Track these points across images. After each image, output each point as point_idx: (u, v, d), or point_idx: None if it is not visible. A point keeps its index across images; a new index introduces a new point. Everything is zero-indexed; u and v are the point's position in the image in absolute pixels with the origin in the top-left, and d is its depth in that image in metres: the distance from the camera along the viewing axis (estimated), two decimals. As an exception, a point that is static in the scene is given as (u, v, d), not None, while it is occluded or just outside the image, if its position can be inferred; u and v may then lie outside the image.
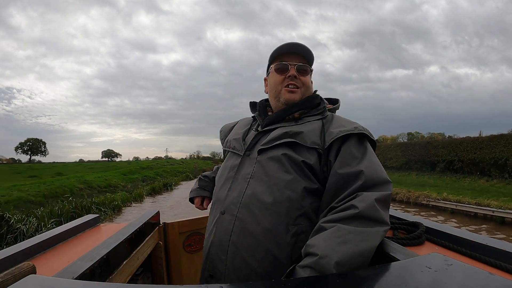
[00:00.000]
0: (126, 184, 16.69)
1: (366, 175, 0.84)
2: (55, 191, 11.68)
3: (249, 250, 0.86)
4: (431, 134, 79.62)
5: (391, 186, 0.86)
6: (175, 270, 1.65)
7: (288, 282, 0.55)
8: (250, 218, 0.88)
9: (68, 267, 0.77)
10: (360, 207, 0.76)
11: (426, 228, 1.05)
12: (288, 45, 1.07)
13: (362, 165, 0.87)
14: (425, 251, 0.94)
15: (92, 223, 1.41)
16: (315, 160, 0.91)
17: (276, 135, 0.97)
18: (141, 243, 1.30)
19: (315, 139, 0.94)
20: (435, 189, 12.81)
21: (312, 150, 0.92)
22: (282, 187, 0.89)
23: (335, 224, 0.76)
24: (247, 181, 0.94)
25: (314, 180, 0.91)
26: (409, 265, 0.58)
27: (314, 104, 1.07)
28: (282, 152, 0.93)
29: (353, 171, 0.85)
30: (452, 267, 0.52)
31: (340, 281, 0.54)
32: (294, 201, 0.88)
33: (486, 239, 0.89)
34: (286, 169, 0.90)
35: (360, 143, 0.94)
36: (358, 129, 0.95)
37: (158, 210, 1.62)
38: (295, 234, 0.85)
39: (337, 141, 0.92)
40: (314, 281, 0.54)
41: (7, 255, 0.87)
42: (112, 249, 0.94)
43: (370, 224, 0.76)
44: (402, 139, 75.95)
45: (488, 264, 0.80)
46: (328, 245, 0.71)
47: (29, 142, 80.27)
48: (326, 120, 1.01)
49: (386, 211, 0.81)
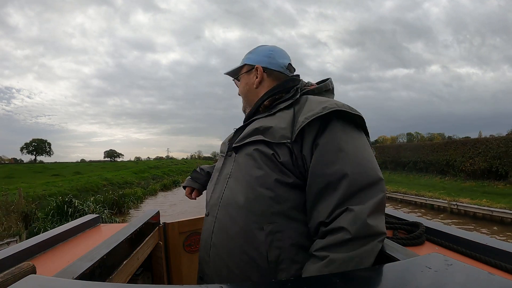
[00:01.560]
0: (139, 182, 19.37)
1: (351, 178, 0.72)
2: (84, 186, 14.08)
3: (226, 251, 0.83)
4: (430, 135, 79.60)
5: (383, 184, 0.75)
6: (175, 270, 1.65)
7: (288, 282, 0.55)
8: (227, 218, 0.85)
9: (68, 267, 0.77)
10: (352, 231, 0.68)
11: (426, 228, 1.05)
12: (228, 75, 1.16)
13: (345, 163, 0.74)
14: (425, 251, 0.94)
15: (92, 223, 1.41)
16: (286, 156, 0.81)
17: (248, 131, 0.91)
18: (141, 243, 1.30)
19: (284, 132, 0.83)
20: (399, 184, 15.81)
21: (282, 146, 0.82)
22: (254, 184, 0.82)
23: (327, 255, 0.69)
24: (226, 181, 0.91)
25: (289, 173, 0.81)
26: (409, 265, 0.58)
27: (286, 87, 0.97)
28: (253, 148, 0.86)
29: (334, 173, 0.74)
30: (452, 267, 0.52)
31: (340, 281, 0.54)
32: (267, 198, 0.80)
33: (486, 239, 0.89)
34: (258, 165, 0.83)
35: (339, 129, 0.79)
36: (328, 108, 0.79)
37: (158, 210, 1.62)
38: (271, 233, 0.79)
39: (307, 132, 0.80)
40: (314, 281, 0.54)
41: (7, 255, 0.87)
42: (112, 249, 0.94)
43: (364, 242, 0.69)
44: (402, 140, 75.98)
45: (488, 264, 0.81)
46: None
47: (34, 142, 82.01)
48: (299, 106, 0.88)
49: (381, 217, 0.73)
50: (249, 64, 1.07)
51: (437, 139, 68.75)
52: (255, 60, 1.06)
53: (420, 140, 65.87)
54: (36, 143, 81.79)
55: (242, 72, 1.09)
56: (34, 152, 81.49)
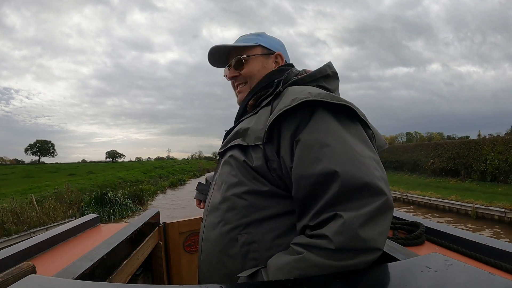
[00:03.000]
0: (148, 180, 21.43)
1: (343, 177, 0.59)
2: (103, 183, 16.12)
3: (210, 258, 0.80)
4: (430, 134, 79.65)
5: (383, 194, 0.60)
6: (175, 270, 1.65)
7: (288, 282, 0.54)
8: (211, 225, 0.81)
9: (68, 267, 0.77)
10: (336, 241, 0.56)
11: (426, 228, 1.05)
12: (210, 53, 0.97)
13: (332, 159, 0.61)
14: (425, 251, 0.94)
15: (92, 223, 1.41)
16: (260, 160, 0.72)
17: (230, 136, 0.86)
18: (141, 243, 1.30)
19: (259, 133, 0.74)
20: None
21: (256, 148, 0.74)
22: (229, 192, 0.77)
23: (303, 251, 0.60)
24: (213, 187, 0.88)
25: (263, 181, 0.73)
26: (409, 265, 0.58)
27: (272, 81, 0.86)
28: (230, 154, 0.81)
29: (322, 172, 0.61)
30: (452, 267, 0.52)
31: (340, 281, 0.54)
32: (240, 207, 0.74)
33: (486, 239, 0.89)
34: (234, 172, 0.78)
35: (327, 123, 0.66)
36: (298, 99, 0.66)
37: (158, 210, 1.62)
38: (245, 243, 0.72)
39: (283, 128, 0.69)
40: (314, 281, 0.54)
41: (7, 255, 0.87)
42: (112, 249, 0.94)
43: (349, 256, 0.57)
44: (401, 139, 76.04)
45: (488, 264, 0.81)
46: (282, 277, 0.60)
47: (38, 143, 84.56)
48: (278, 100, 0.77)
49: (378, 230, 0.58)
50: (265, 47, 0.95)
51: (436, 139, 68.99)
52: (272, 46, 0.96)
53: (420, 140, 66.28)
54: (40, 144, 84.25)
55: (256, 53, 0.94)
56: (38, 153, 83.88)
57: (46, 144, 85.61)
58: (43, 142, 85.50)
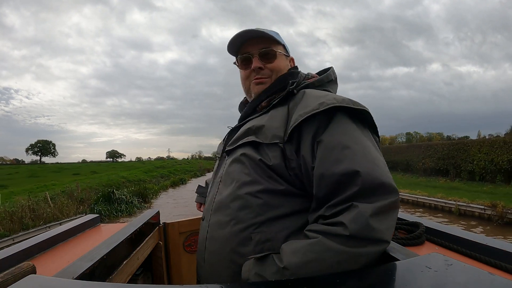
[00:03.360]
0: (150, 179, 21.93)
1: (363, 177, 0.64)
2: (107, 182, 16.58)
3: (217, 257, 0.79)
4: (429, 134, 79.65)
5: (396, 192, 0.66)
6: (175, 270, 1.65)
7: (288, 282, 0.55)
8: (218, 224, 0.80)
9: (68, 267, 0.77)
10: (351, 228, 0.61)
11: (426, 228, 1.05)
12: (240, 34, 0.91)
13: (356, 161, 0.66)
14: (425, 251, 0.94)
15: (92, 223, 1.41)
16: (277, 158, 0.74)
17: (240, 133, 0.86)
18: (141, 243, 1.30)
19: (276, 131, 0.76)
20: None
21: (274, 147, 0.75)
22: (242, 190, 0.77)
23: (317, 236, 0.64)
24: (218, 185, 0.87)
25: (280, 180, 0.75)
26: (409, 265, 0.58)
27: (286, 84, 0.87)
28: (242, 152, 0.81)
29: (345, 172, 0.65)
30: (452, 267, 0.52)
31: (340, 281, 0.54)
32: (254, 205, 0.75)
33: (486, 239, 0.89)
34: (247, 171, 0.78)
35: (345, 126, 0.72)
36: (325, 104, 0.71)
37: (158, 210, 1.62)
38: (260, 242, 0.72)
39: (304, 130, 0.73)
40: (314, 281, 0.54)
41: (7, 255, 0.87)
42: (112, 249, 0.94)
43: (360, 244, 0.62)
44: (401, 139, 76.09)
45: (488, 264, 0.81)
46: (298, 258, 0.63)
47: (39, 143, 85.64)
48: (294, 102, 0.80)
49: (386, 224, 0.64)
50: (285, 48, 0.97)
51: (436, 139, 69.11)
52: (287, 49, 0.98)
53: (419, 140, 66.45)
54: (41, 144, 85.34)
55: (281, 50, 0.94)
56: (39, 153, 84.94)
57: (47, 144, 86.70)
58: (44, 142, 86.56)
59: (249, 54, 0.92)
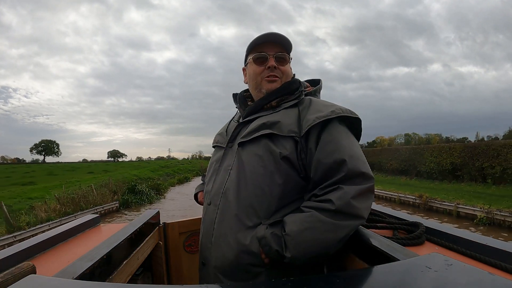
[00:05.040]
0: (158, 177, 24.80)
1: (349, 166, 0.84)
2: (122, 180, 19.35)
3: (226, 240, 0.90)
4: (428, 136, 79.70)
5: (372, 180, 0.87)
6: (175, 270, 1.65)
7: (288, 282, 0.55)
8: (228, 208, 0.91)
9: (68, 267, 0.77)
10: (337, 204, 0.80)
11: (426, 228, 1.05)
12: (266, 35, 1.05)
13: (345, 153, 0.86)
14: (425, 251, 0.94)
15: (92, 223, 1.41)
16: (292, 149, 0.90)
17: (254, 127, 0.97)
18: (141, 243, 1.30)
19: (291, 127, 0.93)
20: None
21: (289, 139, 0.91)
22: (259, 181, 0.89)
23: (311, 210, 0.83)
24: (228, 172, 0.96)
25: (293, 173, 0.90)
26: (409, 265, 0.58)
27: (291, 89, 1.05)
28: (260, 145, 0.92)
29: (336, 160, 0.85)
30: (452, 267, 0.52)
31: (340, 281, 0.54)
32: (269, 195, 0.88)
33: (486, 239, 0.89)
34: (263, 164, 0.90)
35: (339, 129, 0.92)
36: (336, 112, 0.93)
37: (158, 210, 1.62)
38: (270, 226, 0.87)
39: (314, 128, 0.91)
40: (314, 281, 0.54)
41: (7, 255, 0.87)
42: (112, 249, 0.94)
43: (343, 218, 0.81)
44: (400, 140, 76.14)
45: (488, 264, 0.81)
46: (296, 227, 0.82)
47: (43, 143, 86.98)
48: (303, 105, 0.99)
49: (364, 204, 0.84)
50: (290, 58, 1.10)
51: (434, 140, 69.28)
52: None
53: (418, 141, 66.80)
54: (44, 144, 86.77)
55: (290, 57, 1.09)
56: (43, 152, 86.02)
57: (50, 143, 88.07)
58: (47, 142, 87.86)
59: (267, 54, 1.04)
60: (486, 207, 9.49)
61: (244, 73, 1.17)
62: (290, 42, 1.06)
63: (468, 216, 10.16)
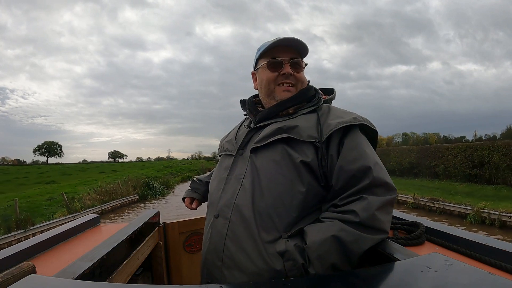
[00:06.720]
0: (164, 176, 27.50)
1: (374, 174, 0.79)
2: (133, 178, 20.72)
3: (242, 256, 0.80)
4: (425, 135, 79.73)
5: (395, 192, 0.82)
6: (175, 270, 1.65)
7: (288, 282, 0.55)
8: (243, 222, 0.82)
9: (68, 267, 0.77)
10: (362, 216, 0.75)
11: (426, 228, 1.05)
12: (281, 39, 0.97)
13: (370, 161, 0.81)
14: (425, 251, 0.94)
15: (92, 223, 1.41)
16: (313, 156, 0.84)
17: (269, 132, 0.89)
18: (141, 243, 1.30)
19: (311, 132, 0.87)
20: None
21: (309, 144, 0.85)
22: (277, 191, 0.82)
23: (334, 219, 0.77)
24: (240, 181, 0.87)
25: (314, 182, 0.84)
26: (409, 265, 0.58)
27: (308, 97, 1.00)
28: (277, 151, 0.86)
29: (360, 168, 0.80)
30: (452, 267, 0.52)
31: (340, 281, 0.54)
32: (289, 206, 0.81)
33: (486, 239, 0.89)
34: (281, 171, 0.83)
35: (361, 136, 0.88)
36: (358, 119, 0.89)
37: (158, 210, 1.62)
38: (289, 237, 0.80)
39: (336, 133, 0.86)
40: (314, 281, 0.54)
41: (7, 255, 0.87)
42: (112, 249, 0.94)
43: (368, 231, 0.75)
44: (397, 140, 76.28)
45: (488, 264, 0.81)
46: (319, 237, 0.75)
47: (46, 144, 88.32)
48: (321, 112, 0.94)
49: (387, 217, 0.79)
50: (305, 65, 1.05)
51: (432, 139, 69.41)
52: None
53: (415, 140, 67.05)
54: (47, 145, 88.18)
55: (305, 63, 1.03)
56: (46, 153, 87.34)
57: (53, 145, 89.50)
58: (50, 143, 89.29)
59: (282, 59, 0.98)
60: (412, 195, 12.65)
61: (253, 78, 1.09)
62: (306, 46, 0.98)
63: (404, 202, 12.92)
